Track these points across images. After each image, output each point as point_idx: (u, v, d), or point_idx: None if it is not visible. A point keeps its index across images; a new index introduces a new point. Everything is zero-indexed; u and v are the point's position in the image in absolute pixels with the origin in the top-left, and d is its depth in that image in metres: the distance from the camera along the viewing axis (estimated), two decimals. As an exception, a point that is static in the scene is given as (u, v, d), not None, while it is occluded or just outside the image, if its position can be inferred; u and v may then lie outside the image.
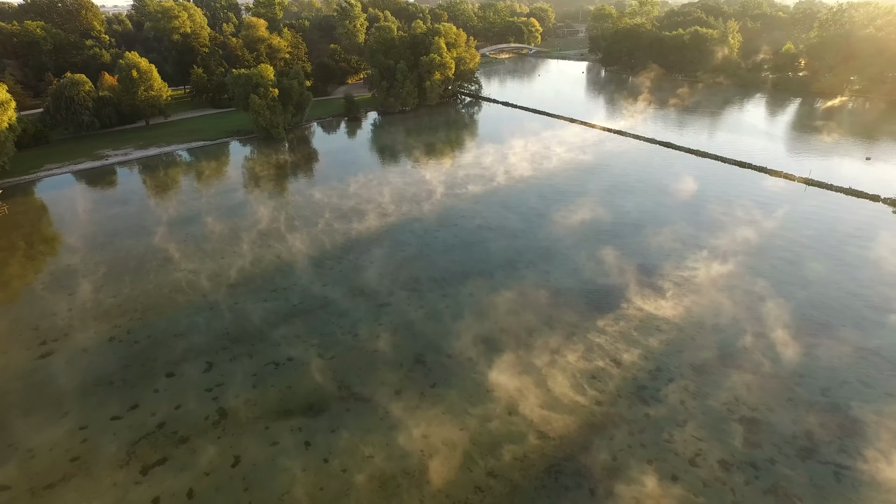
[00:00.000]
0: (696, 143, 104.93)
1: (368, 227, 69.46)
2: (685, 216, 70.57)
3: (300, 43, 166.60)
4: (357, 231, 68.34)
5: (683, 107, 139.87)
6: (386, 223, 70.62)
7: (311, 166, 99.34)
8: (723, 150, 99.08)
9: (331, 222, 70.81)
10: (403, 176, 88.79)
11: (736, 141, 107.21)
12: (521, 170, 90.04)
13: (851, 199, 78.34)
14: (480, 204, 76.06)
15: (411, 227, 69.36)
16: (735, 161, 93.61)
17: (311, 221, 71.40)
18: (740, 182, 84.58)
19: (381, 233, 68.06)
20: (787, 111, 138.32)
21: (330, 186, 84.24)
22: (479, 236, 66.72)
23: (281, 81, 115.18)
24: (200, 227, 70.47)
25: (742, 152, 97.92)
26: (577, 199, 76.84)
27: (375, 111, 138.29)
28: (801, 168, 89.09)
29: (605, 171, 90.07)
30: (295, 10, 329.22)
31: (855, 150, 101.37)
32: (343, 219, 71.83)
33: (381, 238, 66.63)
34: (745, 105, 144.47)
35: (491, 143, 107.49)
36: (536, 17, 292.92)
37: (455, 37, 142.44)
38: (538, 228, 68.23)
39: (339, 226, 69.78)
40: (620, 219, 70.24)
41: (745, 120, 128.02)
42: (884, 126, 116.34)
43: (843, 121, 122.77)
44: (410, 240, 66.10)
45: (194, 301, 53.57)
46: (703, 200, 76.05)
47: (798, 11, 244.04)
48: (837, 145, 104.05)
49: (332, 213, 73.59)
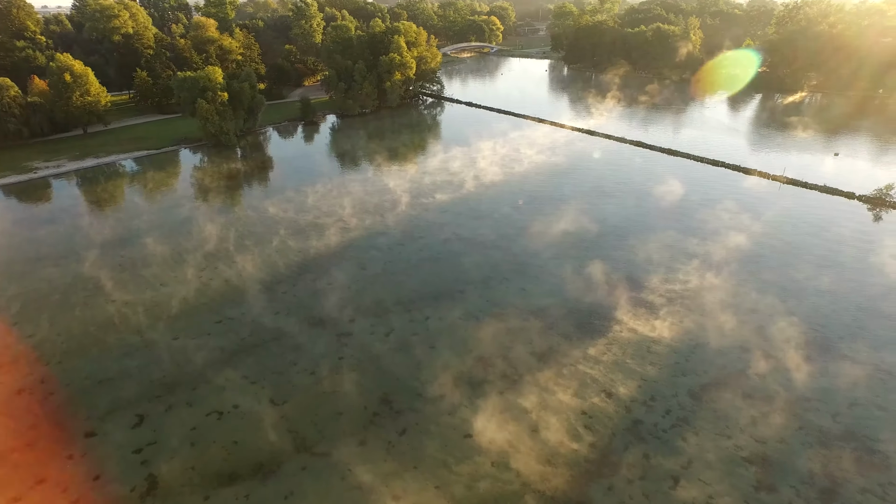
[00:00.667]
0: (666, 140, 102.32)
1: (328, 244, 63.32)
2: (669, 222, 66.82)
3: (253, 44, 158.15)
4: (315, 249, 62.13)
5: (649, 104, 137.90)
6: (347, 239, 64.63)
7: (266, 176, 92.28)
8: (694, 148, 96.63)
9: (286, 240, 64.33)
10: (365, 184, 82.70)
11: (704, 138, 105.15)
12: (492, 175, 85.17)
13: (827, 196, 76.44)
14: (449, 214, 70.81)
15: (375, 243, 63.60)
16: (709, 160, 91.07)
17: (265, 240, 64.75)
18: (718, 182, 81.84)
19: (342, 250, 62.05)
20: (750, 107, 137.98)
21: (286, 198, 77.55)
22: (449, 251, 61.48)
23: (231, 84, 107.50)
24: (139, 250, 63.02)
25: (713, 150, 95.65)
26: (552, 206, 72.44)
27: (334, 114, 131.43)
28: (773, 165, 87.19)
29: (579, 174, 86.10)
30: (250, 10, 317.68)
31: (822, 145, 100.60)
32: (300, 235, 65.43)
33: (341, 256, 60.66)
34: (710, 101, 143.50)
35: (458, 146, 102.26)
36: (497, 15, 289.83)
37: (415, 35, 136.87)
38: (513, 240, 63.37)
39: (295, 244, 63.38)
40: (601, 227, 65.96)
41: (712, 116, 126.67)
42: (845, 121, 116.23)
43: (806, 116, 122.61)
44: (374, 257, 60.34)
45: (127, 340, 46.58)
46: (685, 203, 72.62)
47: (753, 9, 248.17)
48: (805, 141, 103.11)
49: (288, 230, 67.08)
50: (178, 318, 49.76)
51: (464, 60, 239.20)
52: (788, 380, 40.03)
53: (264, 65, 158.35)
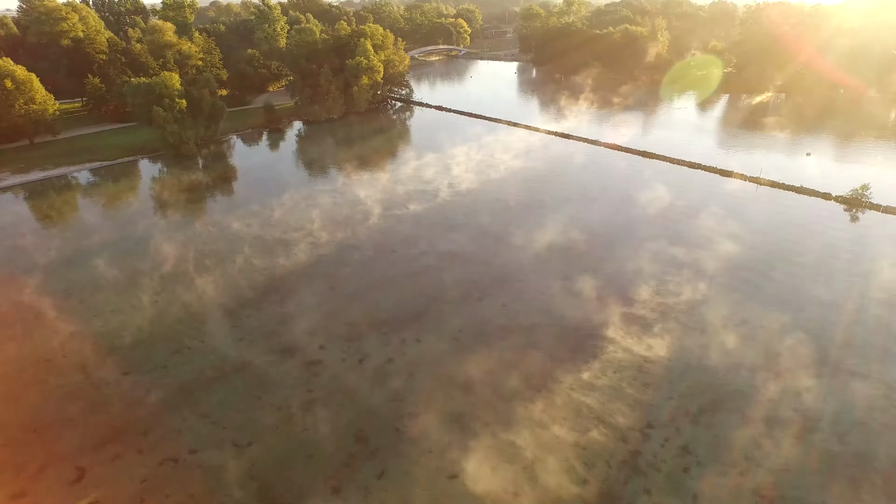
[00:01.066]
0: (641, 142, 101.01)
1: (296, 261, 59.25)
2: (655, 229, 64.63)
3: (213, 48, 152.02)
4: (282, 267, 58.00)
5: (622, 105, 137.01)
6: (316, 255, 60.67)
7: (229, 188, 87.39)
8: (670, 150, 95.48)
9: (251, 258, 59.97)
10: (335, 195, 78.56)
11: (678, 139, 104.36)
12: (467, 182, 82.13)
13: (804, 198, 75.86)
14: (424, 226, 67.50)
15: (346, 259, 59.83)
16: (687, 162, 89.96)
17: (228, 259, 60.25)
18: (697, 185, 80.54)
19: (311, 268, 58.12)
20: (720, 108, 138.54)
21: (250, 212, 72.99)
22: (425, 265, 58.16)
23: (189, 91, 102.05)
24: (88, 273, 57.87)
25: (689, 151, 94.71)
26: (533, 215, 69.81)
27: (300, 121, 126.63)
28: (749, 166, 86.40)
29: (557, 180, 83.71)
30: (212, 14, 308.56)
31: (793, 145, 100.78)
32: (266, 253, 61.12)
33: (310, 275, 56.72)
34: (680, 102, 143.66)
35: (430, 152, 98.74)
36: (464, 17, 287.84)
37: (382, 38, 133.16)
38: (493, 252, 60.37)
39: (260, 262, 59.09)
40: (585, 235, 63.39)
41: (683, 118, 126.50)
42: (811, 121, 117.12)
43: (774, 116, 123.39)
44: (345, 275, 56.57)
45: (69, 380, 41.83)
46: (669, 209, 70.66)
47: (716, 10, 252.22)
48: (776, 141, 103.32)
49: (253, 247, 62.67)
50: (131, 350, 45.20)
51: (432, 63, 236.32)
52: (798, 401, 37.84)
53: (226, 70, 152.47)
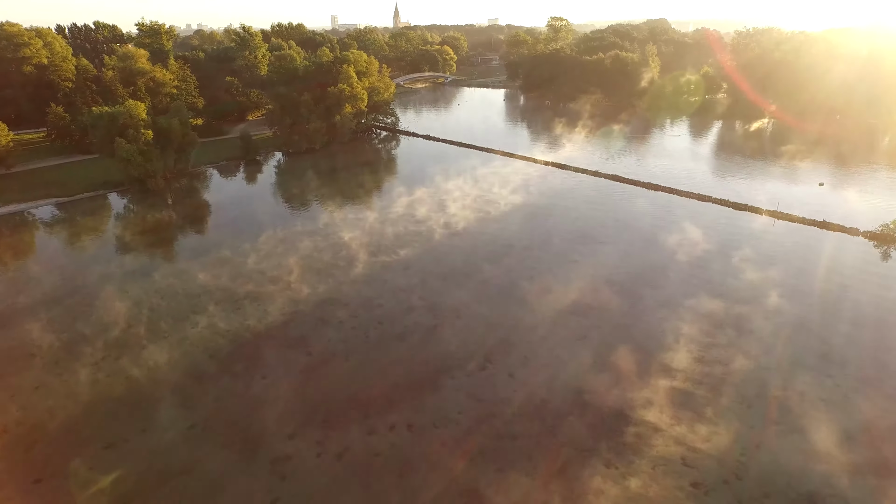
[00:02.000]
0: (642, 173, 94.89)
1: (268, 322, 50.72)
2: (681, 276, 57.07)
3: (189, 76, 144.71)
4: (251, 329, 49.48)
5: (615, 132, 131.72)
6: (291, 312, 52.27)
7: (198, 228, 79.01)
8: (673, 181, 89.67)
9: (215, 318, 51.32)
10: (316, 238, 70.22)
11: (680, 168, 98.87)
12: (464, 221, 74.38)
13: (829, 233, 69.63)
14: (416, 274, 59.46)
15: (325, 316, 51.53)
16: (695, 194, 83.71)
17: (187, 319, 51.52)
18: (711, 220, 73.94)
19: (284, 328, 49.70)
20: (718, 135, 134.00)
21: (220, 259, 64.48)
22: (416, 324, 50.06)
23: (157, 121, 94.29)
24: (16, 339, 48.89)
25: (694, 182, 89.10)
26: (540, 260, 62.15)
27: (279, 151, 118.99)
28: (760, 198, 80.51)
29: (562, 216, 76.38)
30: (195, 42, 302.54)
31: (802, 174, 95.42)
32: (234, 311, 52.53)
33: (283, 338, 48.30)
34: (674, 129, 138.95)
35: (421, 186, 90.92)
36: (450, 45, 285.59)
37: (366, 65, 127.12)
38: (497, 308, 52.38)
39: (226, 323, 50.49)
40: (603, 285, 55.62)
41: (681, 145, 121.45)
42: (814, 148, 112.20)
43: (775, 144, 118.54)
44: (323, 337, 48.24)
45: (-35, 493, 32.79)
46: (689, 250, 63.44)
47: (701, 37, 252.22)
48: (783, 170, 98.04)
49: (220, 304, 54.04)
50: (52, 446, 36.26)
51: (418, 91, 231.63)
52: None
53: (202, 98, 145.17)
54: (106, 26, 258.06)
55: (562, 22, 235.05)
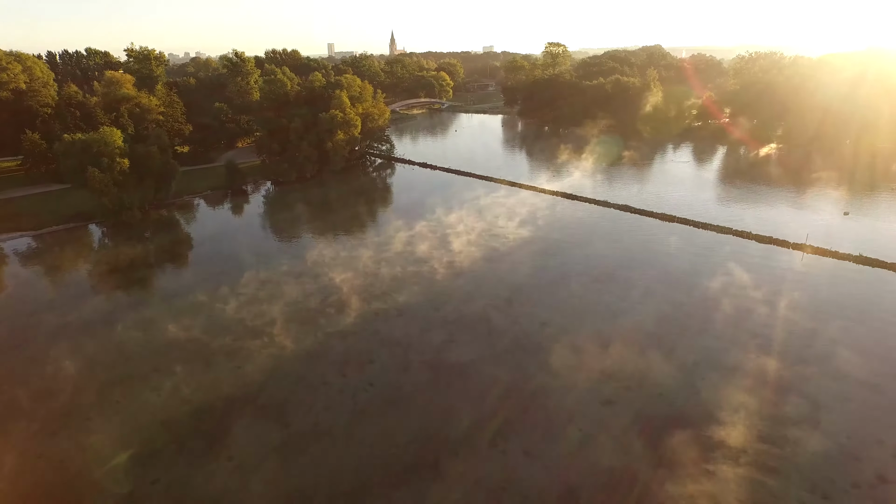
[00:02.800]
0: (654, 202, 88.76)
1: (244, 384, 43.33)
2: (721, 325, 50.03)
3: (175, 101, 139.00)
4: (223, 395, 42.01)
5: (619, 160, 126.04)
6: (272, 372, 44.86)
7: (173, 268, 71.84)
8: (688, 211, 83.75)
9: (181, 382, 43.80)
10: (303, 280, 62.85)
11: (692, 198, 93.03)
12: (468, 259, 67.31)
13: (867, 269, 63.27)
14: (414, 323, 52.25)
15: (310, 377, 44.18)
16: (713, 226, 77.50)
17: (148, 382, 43.94)
18: (736, 253, 67.47)
19: (261, 394, 42.26)
20: (723, 160, 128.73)
21: (194, 306, 57.15)
22: (413, 384, 42.82)
23: (135, 148, 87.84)
24: (-57, 406, 41.25)
25: (709, 212, 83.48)
26: (556, 306, 55.10)
27: (268, 181, 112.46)
28: (784, 230, 74.21)
29: (575, 253, 69.56)
30: (191, 69, 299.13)
31: (823, 203, 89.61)
32: (203, 372, 45.10)
33: (258, 406, 40.87)
34: (680, 154, 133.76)
35: (420, 219, 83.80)
36: (446, 71, 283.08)
37: (360, 90, 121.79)
38: (508, 366, 45.16)
39: (193, 387, 42.99)
40: (633, 336, 48.39)
41: (689, 173, 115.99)
42: (829, 174, 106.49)
43: (787, 171, 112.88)
44: (305, 404, 40.82)
45: None
46: (725, 292, 56.34)
47: (699, 62, 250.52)
48: (802, 199, 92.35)
49: (189, 362, 46.57)
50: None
51: (414, 117, 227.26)
52: None
53: (190, 125, 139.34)
54: (98, 53, 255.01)
55: (559, 48, 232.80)
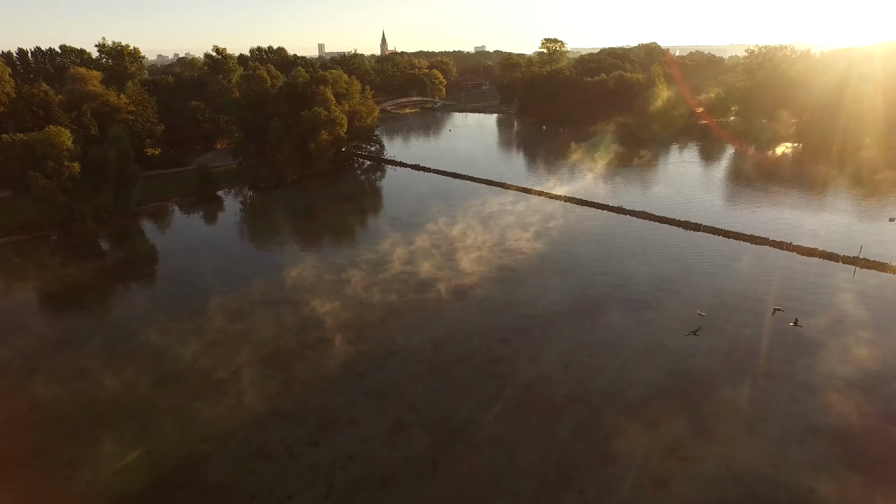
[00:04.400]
0: (673, 209, 79.45)
1: (188, 455, 33.05)
2: (791, 365, 40.65)
3: (147, 99, 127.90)
4: (160, 474, 31.72)
5: (627, 161, 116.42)
6: (224, 439, 34.62)
7: (125, 295, 60.84)
8: (713, 219, 74.71)
9: (104, 464, 33.29)
10: (281, 311, 51.79)
11: (713, 203, 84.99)
12: (478, 282, 56.82)
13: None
14: (408, 366, 42.21)
15: (271, 445, 33.98)
16: (747, 236, 68.38)
17: (62, 470, 33.53)
18: (779, 268, 58.34)
19: (208, 470, 32.01)
20: (739, 161, 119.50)
21: (145, 349, 46.55)
22: (406, 461, 32.74)
23: (87, 150, 77.30)
24: None
25: (737, 220, 74.79)
26: (588, 342, 45.27)
27: (246, 186, 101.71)
28: (827, 240, 65.22)
29: (598, 271, 59.63)
30: (177, 70, 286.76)
31: (863, 208, 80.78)
32: (140, 440, 34.72)
33: (200, 488, 30.63)
34: (692, 156, 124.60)
35: (419, 231, 73.24)
36: (439, 69, 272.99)
37: (346, 86, 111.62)
38: (529, 428, 35.22)
39: (118, 468, 32.61)
40: (685, 381, 38.91)
41: (704, 174, 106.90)
42: (858, 176, 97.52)
43: (813, 172, 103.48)
44: (263, 488, 30.63)
45: None
46: (777, 325, 47.02)
47: (701, 59, 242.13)
48: (838, 204, 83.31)
49: (123, 430, 36.18)
50: None
51: (406, 117, 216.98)
52: None
53: (162, 125, 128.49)
54: (73, 50, 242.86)
55: (556, 44, 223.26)
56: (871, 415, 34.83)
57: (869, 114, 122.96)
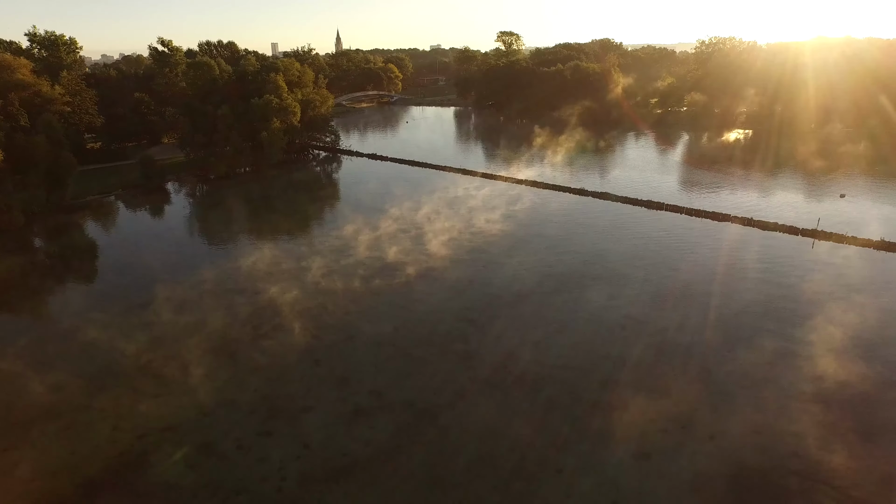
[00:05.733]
0: (630, 189, 79.45)
1: (118, 454, 29.29)
2: (780, 354, 39.87)
3: (84, 90, 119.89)
4: (84, 480, 27.88)
5: (583, 147, 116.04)
6: (161, 432, 30.96)
7: (59, 290, 55.68)
8: (673, 198, 74.88)
9: (28, 464, 29.37)
10: (234, 301, 47.79)
11: (671, 184, 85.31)
12: (446, 263, 54.36)
13: (882, 253, 55.33)
14: (377, 353, 39.37)
15: (230, 429, 30.66)
16: (708, 213, 68.35)
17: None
18: (750, 247, 58.08)
19: (135, 474, 28.38)
20: (691, 145, 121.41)
21: (80, 346, 42.09)
22: (366, 447, 29.96)
23: (13, 138, 71.02)
24: None
25: (698, 198, 74.93)
26: (564, 325, 43.39)
27: (195, 177, 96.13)
28: (785, 215, 66.29)
29: (569, 251, 57.80)
30: (123, 68, 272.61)
31: (813, 186, 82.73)
32: (67, 439, 30.75)
33: (144, 478, 27.08)
34: (647, 142, 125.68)
35: (383, 216, 70.19)
36: (395, 64, 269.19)
37: (299, 74, 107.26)
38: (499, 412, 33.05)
39: (45, 466, 28.67)
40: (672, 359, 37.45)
41: (658, 158, 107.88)
42: (807, 157, 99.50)
43: (763, 154, 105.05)
44: (207, 486, 27.32)
45: None
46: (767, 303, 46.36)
47: (653, 52, 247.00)
48: (791, 183, 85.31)
49: (59, 418, 32.07)
50: None
51: (362, 111, 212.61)
52: None
53: (102, 117, 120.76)
54: (1, 42, 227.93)
55: (512, 37, 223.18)
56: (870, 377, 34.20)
57: (812, 101, 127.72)
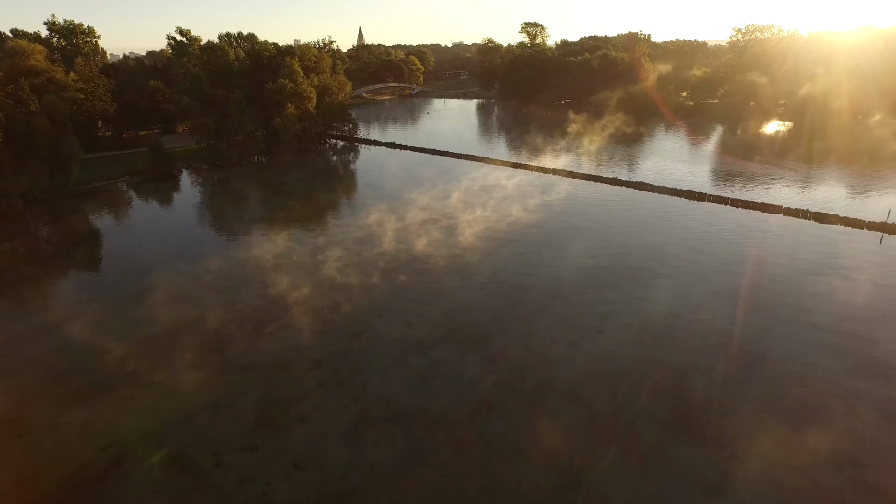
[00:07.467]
0: (673, 180, 72.96)
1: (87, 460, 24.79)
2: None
3: (97, 77, 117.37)
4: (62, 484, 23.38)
5: (617, 138, 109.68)
6: (149, 435, 26.32)
7: (51, 278, 51.98)
8: (718, 189, 68.41)
9: None
10: (238, 297, 43.62)
11: (714, 175, 78.15)
12: (477, 256, 49.24)
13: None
14: (388, 353, 34.40)
15: (210, 441, 25.96)
16: (760, 205, 61.75)
17: None
18: (830, 244, 51.63)
19: (115, 484, 23.77)
20: (731, 137, 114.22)
21: (60, 342, 38.00)
22: (371, 470, 24.92)
23: (13, 119, 67.75)
24: None
25: (746, 190, 68.22)
26: (603, 325, 37.93)
27: (207, 165, 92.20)
28: (850, 207, 59.43)
29: (607, 243, 52.44)
30: (147, 62, 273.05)
31: (866, 178, 75.28)
32: (43, 426, 26.45)
33: (100, 500, 22.48)
34: (680, 133, 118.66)
35: (409, 206, 65.18)
36: (416, 56, 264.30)
37: (316, 59, 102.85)
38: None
39: None
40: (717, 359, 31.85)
41: (703, 149, 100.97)
42: (853, 147, 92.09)
43: (808, 145, 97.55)
44: (189, 486, 22.66)
45: None
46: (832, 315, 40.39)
47: (684, 45, 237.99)
48: (848, 175, 77.75)
49: (11, 424, 27.85)
50: None
51: (382, 103, 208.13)
52: None
53: (115, 104, 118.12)
54: (27, 34, 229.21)
55: (537, 28, 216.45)
56: None
57: (859, 93, 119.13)
